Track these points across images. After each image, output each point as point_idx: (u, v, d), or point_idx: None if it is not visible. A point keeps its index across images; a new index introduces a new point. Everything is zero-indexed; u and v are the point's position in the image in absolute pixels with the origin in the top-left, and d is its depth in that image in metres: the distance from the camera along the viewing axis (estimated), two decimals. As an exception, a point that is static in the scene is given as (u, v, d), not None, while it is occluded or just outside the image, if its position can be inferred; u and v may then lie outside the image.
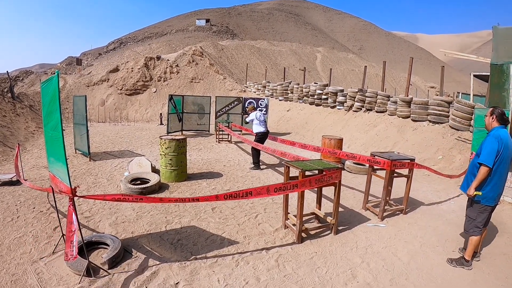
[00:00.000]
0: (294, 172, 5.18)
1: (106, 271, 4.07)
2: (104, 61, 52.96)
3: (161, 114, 22.40)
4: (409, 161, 6.24)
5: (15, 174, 8.10)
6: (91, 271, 3.98)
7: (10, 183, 7.83)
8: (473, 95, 17.55)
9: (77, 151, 11.06)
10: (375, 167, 6.53)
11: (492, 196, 4.25)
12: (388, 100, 14.52)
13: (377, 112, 14.92)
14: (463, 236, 5.32)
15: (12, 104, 17.58)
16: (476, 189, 4.21)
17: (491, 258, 4.77)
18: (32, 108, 19.82)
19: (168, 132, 14.93)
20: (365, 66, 19.88)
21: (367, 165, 6.75)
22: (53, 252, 4.57)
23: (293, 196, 6.00)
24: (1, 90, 29.69)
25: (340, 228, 5.55)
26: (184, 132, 16.03)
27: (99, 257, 4.37)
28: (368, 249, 4.91)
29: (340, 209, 6.35)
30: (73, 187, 3.72)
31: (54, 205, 5.14)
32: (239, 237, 5.22)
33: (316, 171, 5.32)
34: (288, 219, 5.52)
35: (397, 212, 6.39)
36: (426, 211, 6.58)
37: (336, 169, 5.12)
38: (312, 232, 5.41)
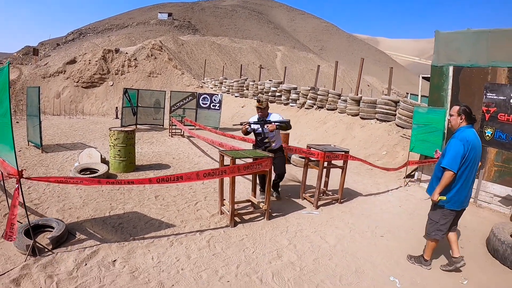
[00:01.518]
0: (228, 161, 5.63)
1: (50, 250, 4.47)
2: (61, 52, 51.57)
3: (116, 107, 22.38)
4: (343, 153, 6.70)
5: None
6: (37, 251, 4.37)
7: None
8: (421, 95, 18.48)
9: (29, 143, 11.09)
10: (312, 158, 6.90)
11: (458, 199, 4.17)
12: (339, 99, 15.24)
13: (328, 109, 15.64)
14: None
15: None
16: (441, 193, 4.14)
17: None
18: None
19: (122, 126, 15.04)
20: (318, 66, 20.79)
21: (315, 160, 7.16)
22: (1, 236, 4.91)
23: (237, 185, 6.40)
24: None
25: (274, 214, 6.04)
26: (138, 126, 16.12)
27: (45, 238, 4.76)
28: (298, 233, 5.38)
29: (278, 198, 6.94)
30: (19, 169, 4.12)
31: (4, 190, 5.50)
32: (177, 221, 5.66)
33: (250, 160, 5.79)
34: (224, 205, 5.96)
35: (333, 202, 6.87)
36: (362, 201, 7.10)
37: (266, 157, 5.60)
38: (246, 217, 5.88)
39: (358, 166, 10.09)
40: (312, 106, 16.69)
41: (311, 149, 6.75)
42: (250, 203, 6.43)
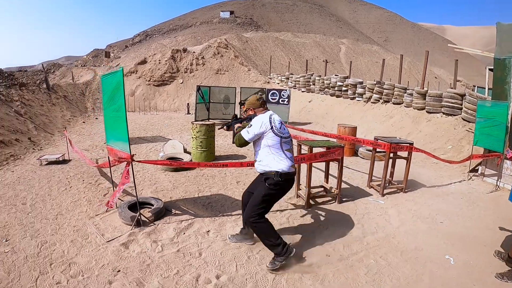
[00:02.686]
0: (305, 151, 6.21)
1: (152, 222, 5.20)
2: (131, 53, 54.39)
3: (188, 104, 23.46)
4: (407, 145, 6.97)
5: (61, 154, 9.38)
6: (141, 222, 5.11)
7: (57, 162, 9.06)
8: (489, 88, 17.75)
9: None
10: (379, 149, 7.29)
11: None
12: (405, 92, 15.05)
13: (394, 103, 15.51)
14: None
15: (48, 95, 18.91)
16: None
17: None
18: (66, 98, 21.17)
19: (196, 121, 15.86)
20: (383, 60, 20.44)
21: (381, 151, 7.51)
22: (106, 211, 5.72)
23: (305, 172, 6.83)
24: (35, 81, 31.38)
25: (344, 199, 6.51)
26: (210, 121, 16.92)
27: (146, 212, 5.49)
28: (365, 215, 5.84)
29: (347, 187, 7.37)
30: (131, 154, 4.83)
31: (110, 176, 6.32)
32: None
33: (323, 149, 6.25)
34: (300, 189, 6.56)
35: (398, 191, 7.17)
36: (425, 192, 7.28)
37: (339, 147, 6.09)
38: (319, 201, 6.44)
39: (423, 159, 10.11)
40: (378, 100, 16.61)
41: (378, 140, 7.14)
42: (322, 188, 6.89)
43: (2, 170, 8.56)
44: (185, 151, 9.52)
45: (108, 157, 5.92)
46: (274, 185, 4.10)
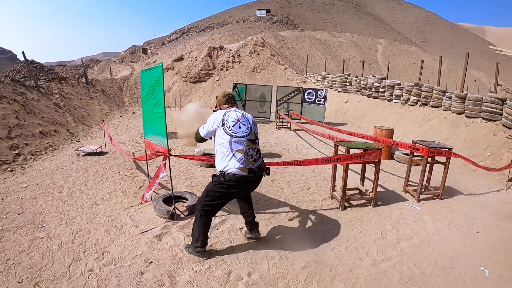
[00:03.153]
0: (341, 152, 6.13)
1: (185, 216, 5.21)
2: (168, 50, 55.28)
3: (223, 101, 23.33)
4: (446, 149, 6.71)
5: (98, 146, 9.58)
6: (175, 216, 5.13)
7: (94, 153, 9.27)
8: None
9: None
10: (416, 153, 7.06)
11: None
12: (444, 95, 14.53)
13: (432, 106, 15.02)
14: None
15: (86, 89, 19.48)
16: None
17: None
18: (104, 93, 21.73)
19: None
20: (422, 61, 19.86)
21: (419, 155, 7.26)
22: (140, 203, 5.77)
23: (340, 174, 6.71)
24: (74, 76, 32.33)
25: (379, 203, 6.32)
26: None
27: (180, 206, 5.51)
28: (400, 220, 5.65)
29: (382, 190, 7.17)
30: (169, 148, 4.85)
31: (147, 169, 6.39)
32: (292, 201, 6.27)
33: (360, 151, 6.10)
34: (335, 191, 6.44)
35: (434, 197, 6.90)
36: (462, 199, 6.98)
37: (376, 149, 5.92)
38: (354, 203, 6.28)
39: (461, 166, 9.75)
40: (416, 103, 16.14)
41: (416, 144, 6.93)
42: (357, 190, 6.74)
43: (41, 160, 8.83)
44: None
45: (145, 150, 5.98)
46: (218, 184, 4.04)
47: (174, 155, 5.08)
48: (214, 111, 4.50)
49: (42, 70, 29.21)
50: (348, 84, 23.04)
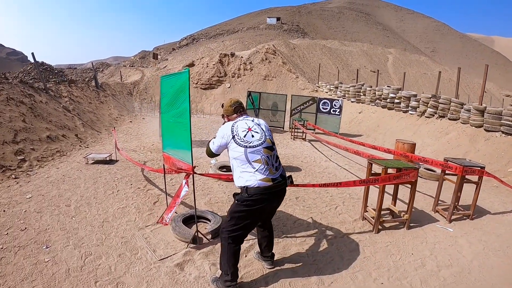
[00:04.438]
0: (375, 169, 5.69)
1: (209, 240, 4.65)
2: (178, 56, 55.01)
3: (234, 108, 22.90)
4: (479, 168, 6.37)
5: (108, 154, 9.08)
6: (197, 240, 4.58)
7: (104, 162, 8.76)
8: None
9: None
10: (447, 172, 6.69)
11: None
12: (462, 108, 14.00)
13: (449, 119, 14.50)
14: None
15: (96, 93, 19.11)
16: None
17: None
18: (114, 97, 21.36)
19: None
20: (439, 72, 19.29)
21: (437, 171, 7.04)
22: (157, 222, 5.23)
23: (372, 192, 6.35)
24: (84, 79, 32.03)
25: (411, 225, 5.90)
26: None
27: (202, 228, 4.94)
28: (436, 245, 5.26)
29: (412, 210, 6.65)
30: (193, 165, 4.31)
31: (165, 185, 5.85)
32: (322, 223, 5.78)
33: (395, 170, 5.66)
34: (367, 211, 6.00)
35: (464, 217, 6.57)
36: (492, 219, 6.66)
37: (413, 169, 5.49)
38: (387, 225, 5.84)
39: (483, 182, 9.27)
40: (433, 115, 15.59)
41: (449, 162, 6.53)
42: (389, 211, 6.33)
43: (48, 166, 8.35)
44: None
45: (164, 164, 5.44)
46: (242, 202, 3.58)
47: (198, 174, 4.53)
48: (223, 119, 4.14)
49: (52, 72, 28.95)
50: (362, 94, 22.49)
